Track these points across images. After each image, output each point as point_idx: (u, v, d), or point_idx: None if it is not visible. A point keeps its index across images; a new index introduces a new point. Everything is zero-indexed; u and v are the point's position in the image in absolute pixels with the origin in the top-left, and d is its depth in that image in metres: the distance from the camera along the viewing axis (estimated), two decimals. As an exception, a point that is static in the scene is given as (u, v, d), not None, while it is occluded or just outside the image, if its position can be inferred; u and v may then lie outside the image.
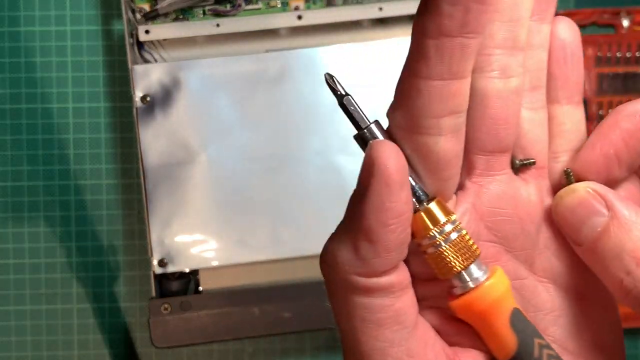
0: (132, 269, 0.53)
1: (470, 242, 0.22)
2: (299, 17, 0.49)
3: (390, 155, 0.21)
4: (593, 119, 0.52)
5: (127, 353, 0.53)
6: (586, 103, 0.52)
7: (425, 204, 0.21)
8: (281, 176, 0.48)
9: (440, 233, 0.21)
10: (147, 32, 0.49)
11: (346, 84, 0.51)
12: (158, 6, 0.48)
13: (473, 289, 0.22)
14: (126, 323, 0.53)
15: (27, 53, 0.53)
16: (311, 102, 0.49)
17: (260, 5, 0.49)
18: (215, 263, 0.48)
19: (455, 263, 0.21)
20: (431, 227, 0.21)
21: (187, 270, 0.49)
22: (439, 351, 0.22)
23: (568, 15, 0.52)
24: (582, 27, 0.53)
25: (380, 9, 0.49)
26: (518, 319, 0.22)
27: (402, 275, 0.22)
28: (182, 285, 0.49)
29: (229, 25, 0.49)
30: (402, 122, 0.22)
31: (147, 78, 0.48)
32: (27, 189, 0.53)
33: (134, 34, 0.49)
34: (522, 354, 0.22)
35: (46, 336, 0.53)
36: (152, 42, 0.50)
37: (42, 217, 0.53)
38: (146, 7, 0.49)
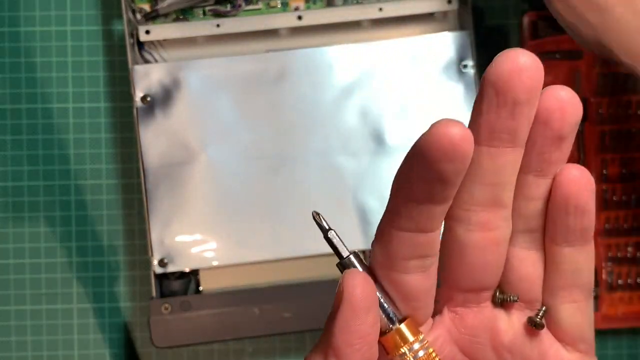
0: (132, 269, 0.53)
1: (437, 359, 0.25)
2: (299, 18, 0.49)
3: (358, 284, 0.24)
4: (593, 120, 0.52)
5: (127, 353, 0.53)
6: (586, 103, 0.52)
7: (397, 324, 0.25)
8: (281, 176, 0.49)
9: (410, 350, 0.24)
10: (147, 32, 0.49)
11: (346, 83, 0.51)
12: (158, 6, 0.49)
13: None
14: (126, 323, 0.53)
15: (27, 53, 0.53)
16: (311, 102, 0.49)
17: (260, 5, 0.50)
18: (215, 263, 0.48)
19: None
20: (401, 344, 0.24)
21: (187, 270, 0.49)
22: None
23: (568, 15, 0.52)
24: (581, 27, 0.53)
25: (381, 9, 0.49)
26: None
27: None
28: (182, 285, 0.49)
29: (229, 25, 0.49)
30: (378, 257, 0.25)
31: (147, 78, 0.48)
32: (27, 188, 0.53)
33: (134, 34, 0.49)
34: None
35: (46, 336, 0.53)
36: (152, 42, 0.50)
37: (42, 217, 0.53)
38: (146, 7, 0.49)
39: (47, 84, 0.53)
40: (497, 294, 0.26)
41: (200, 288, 0.49)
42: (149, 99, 0.48)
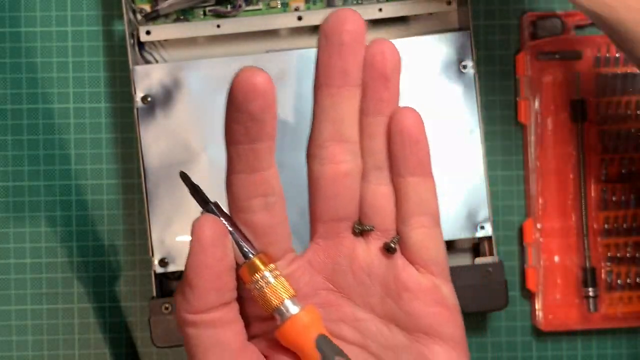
0: (132, 269, 0.53)
1: (285, 284, 0.28)
2: (299, 18, 0.49)
3: (205, 224, 0.28)
4: (592, 120, 0.52)
5: (127, 352, 0.53)
6: (585, 104, 0.52)
7: (251, 259, 0.28)
8: (281, 176, 0.49)
9: (261, 279, 0.28)
10: (147, 32, 0.49)
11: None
12: (159, 7, 0.49)
13: (287, 320, 0.28)
14: (127, 322, 0.53)
15: (28, 53, 0.53)
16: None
17: (260, 6, 0.50)
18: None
19: (271, 300, 0.28)
20: (250, 274, 0.28)
21: (187, 270, 0.49)
22: None
23: (567, 16, 0.52)
24: (581, 27, 0.53)
25: (380, 9, 0.49)
26: (322, 343, 0.28)
27: (226, 313, 0.28)
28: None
29: (229, 26, 0.49)
30: (230, 204, 0.29)
31: (147, 78, 0.49)
32: (28, 189, 0.53)
33: (134, 35, 0.49)
34: None
35: (47, 335, 0.53)
36: (152, 42, 0.50)
37: (43, 217, 0.53)
38: (147, 7, 0.49)
39: (47, 84, 0.53)
40: (356, 225, 0.30)
41: (201, 288, 0.49)
42: (149, 99, 0.48)
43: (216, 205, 0.29)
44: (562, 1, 0.54)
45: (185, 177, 0.30)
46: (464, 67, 0.49)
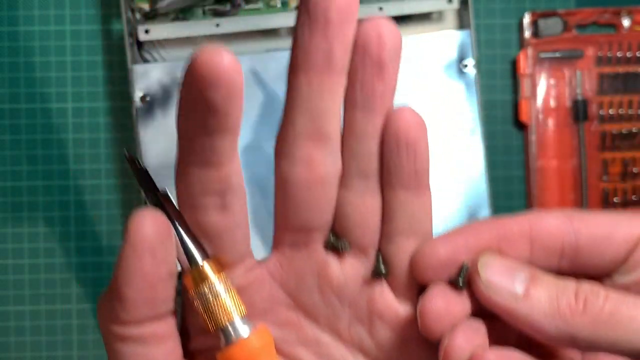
0: (131, 269, 0.53)
1: (237, 299, 0.24)
2: (299, 17, 0.49)
3: (144, 221, 0.22)
4: (593, 119, 0.52)
5: (126, 353, 0.53)
6: (587, 103, 0.52)
7: (199, 264, 0.23)
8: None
9: (209, 290, 0.23)
10: (146, 31, 0.48)
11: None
12: (157, 6, 0.48)
13: (234, 343, 0.23)
14: (125, 323, 0.53)
15: (26, 53, 0.53)
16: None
17: (260, 4, 0.49)
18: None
19: (219, 317, 0.23)
20: (196, 284, 0.23)
21: (186, 271, 0.49)
22: None
23: (568, 15, 0.52)
24: (582, 26, 0.53)
25: (381, 8, 0.49)
26: None
27: (159, 327, 0.23)
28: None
29: (228, 25, 0.49)
30: (180, 198, 0.24)
31: (146, 78, 0.48)
32: (26, 189, 0.53)
33: (133, 34, 0.49)
34: None
35: (45, 337, 0.53)
36: (151, 41, 0.50)
37: (41, 217, 0.53)
38: (146, 6, 0.49)
39: (46, 83, 0.53)
40: (330, 238, 0.25)
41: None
42: (148, 98, 0.48)
43: (164, 195, 0.24)
44: (562, 0, 0.54)
45: (131, 159, 0.25)
46: (465, 66, 0.49)
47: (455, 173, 0.49)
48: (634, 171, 0.52)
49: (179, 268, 0.24)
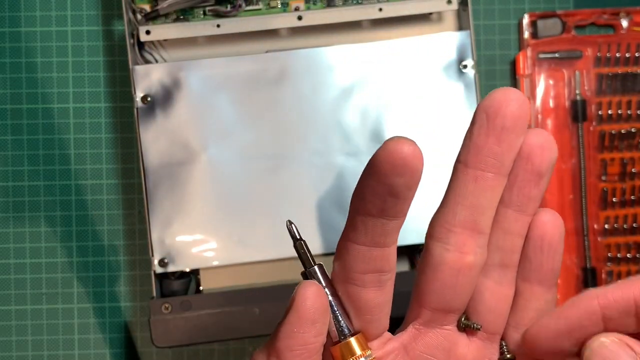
0: (132, 269, 0.53)
1: None
2: (299, 18, 0.49)
3: (310, 296, 0.25)
4: (592, 119, 0.52)
5: (127, 353, 0.53)
6: (585, 103, 0.52)
7: (347, 337, 0.26)
8: (281, 176, 0.49)
9: None
10: (147, 32, 0.49)
11: (346, 83, 0.51)
12: (159, 7, 0.49)
13: None
14: (127, 323, 0.53)
15: (28, 53, 0.53)
16: (311, 102, 0.49)
17: (260, 5, 0.50)
18: (215, 263, 0.48)
19: None
20: (344, 356, 0.26)
21: (187, 270, 0.49)
22: None
23: (567, 15, 0.52)
24: (581, 27, 0.53)
25: (381, 9, 0.49)
26: None
27: None
28: (182, 285, 0.49)
29: (229, 25, 0.49)
30: (337, 270, 0.26)
31: (147, 78, 0.48)
32: (28, 188, 0.53)
33: (134, 35, 0.49)
34: None
35: (47, 335, 0.53)
36: (152, 42, 0.50)
37: (43, 216, 0.53)
38: (147, 7, 0.49)
39: (47, 84, 0.53)
40: (463, 319, 0.28)
41: (201, 288, 0.49)
42: (149, 99, 0.48)
43: (320, 267, 0.27)
44: (562, 1, 0.54)
45: (292, 230, 0.27)
46: (464, 66, 0.49)
47: (454, 173, 0.49)
48: (633, 171, 0.52)
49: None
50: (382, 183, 0.24)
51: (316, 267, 0.26)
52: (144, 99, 0.48)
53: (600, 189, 0.52)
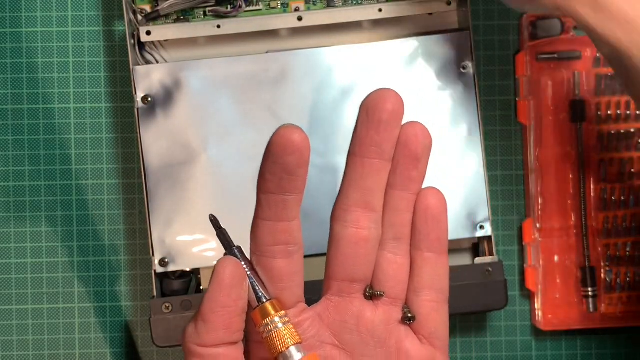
0: (133, 269, 0.53)
1: (292, 331, 0.30)
2: (299, 18, 0.49)
3: (227, 266, 0.30)
4: (591, 120, 0.52)
5: (128, 352, 0.53)
6: (584, 104, 0.52)
7: (264, 302, 0.30)
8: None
9: (271, 323, 0.30)
10: (148, 33, 0.49)
11: (346, 84, 0.51)
12: (159, 7, 0.49)
13: None
14: (127, 322, 0.53)
15: (29, 54, 0.53)
16: (311, 102, 0.49)
17: (260, 6, 0.50)
18: (216, 262, 0.48)
19: (278, 345, 0.30)
20: (262, 318, 0.30)
21: (188, 270, 0.49)
22: None
23: (566, 16, 0.52)
24: (580, 28, 0.53)
25: (380, 10, 0.49)
26: None
27: (231, 351, 0.30)
28: (183, 284, 0.49)
29: (229, 26, 0.49)
30: (252, 246, 0.31)
31: (148, 79, 0.49)
32: (29, 188, 0.53)
33: (135, 35, 0.49)
34: None
35: (47, 335, 0.53)
36: (153, 43, 0.50)
37: (44, 216, 0.53)
38: (147, 8, 0.49)
39: (48, 84, 0.53)
40: (368, 289, 0.32)
41: (201, 287, 0.49)
42: (149, 99, 0.49)
43: (239, 249, 0.31)
44: (561, 1, 0.54)
45: (214, 221, 0.32)
46: (464, 67, 0.49)
47: (454, 173, 0.49)
48: (632, 171, 0.52)
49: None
50: (277, 163, 0.29)
51: (235, 249, 0.31)
52: (144, 99, 0.49)
53: (599, 189, 0.52)
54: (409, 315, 0.32)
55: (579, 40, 0.52)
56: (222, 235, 0.32)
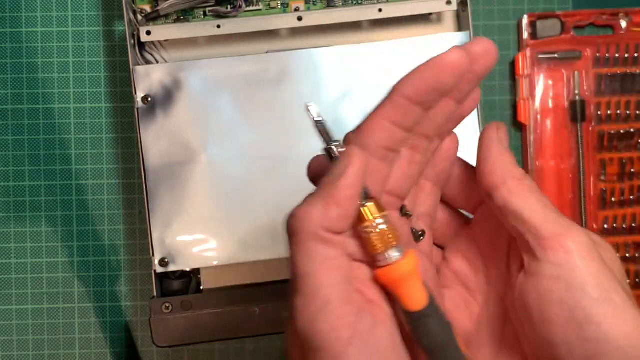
0: (133, 269, 0.53)
1: (393, 233, 0.30)
2: (299, 19, 0.49)
3: (357, 155, 0.29)
4: (591, 120, 0.52)
5: (128, 352, 0.53)
6: (584, 103, 0.52)
7: (366, 204, 0.30)
8: (281, 176, 0.49)
9: (374, 223, 0.29)
10: (148, 33, 0.49)
11: (346, 84, 0.51)
12: (159, 7, 0.49)
13: (390, 264, 0.30)
14: (127, 322, 0.53)
15: (29, 54, 0.53)
16: (311, 102, 0.49)
17: (260, 6, 0.50)
18: (216, 262, 0.48)
19: (378, 245, 0.29)
20: (369, 217, 0.29)
21: (188, 270, 0.49)
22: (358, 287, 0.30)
23: (566, 16, 0.52)
24: (580, 28, 0.53)
25: (380, 10, 0.49)
26: (427, 284, 0.30)
27: (346, 239, 0.29)
28: (183, 284, 0.49)
29: (229, 26, 0.49)
30: (358, 142, 0.30)
31: (148, 79, 0.49)
32: (29, 188, 0.53)
33: (135, 35, 0.49)
34: (433, 303, 0.30)
35: (47, 335, 0.53)
36: (153, 43, 0.50)
37: (44, 216, 0.53)
38: (147, 8, 0.49)
39: (48, 84, 0.53)
40: (403, 209, 0.33)
41: (201, 287, 0.49)
42: (149, 99, 0.49)
43: (341, 145, 0.30)
44: (561, 2, 0.54)
45: (311, 111, 0.31)
46: (464, 67, 0.49)
47: (454, 173, 0.49)
48: (632, 171, 0.52)
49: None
50: (434, 78, 0.29)
51: (341, 141, 0.30)
52: (144, 99, 0.49)
53: (599, 189, 0.52)
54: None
55: (579, 40, 0.52)
56: (322, 126, 0.31)
